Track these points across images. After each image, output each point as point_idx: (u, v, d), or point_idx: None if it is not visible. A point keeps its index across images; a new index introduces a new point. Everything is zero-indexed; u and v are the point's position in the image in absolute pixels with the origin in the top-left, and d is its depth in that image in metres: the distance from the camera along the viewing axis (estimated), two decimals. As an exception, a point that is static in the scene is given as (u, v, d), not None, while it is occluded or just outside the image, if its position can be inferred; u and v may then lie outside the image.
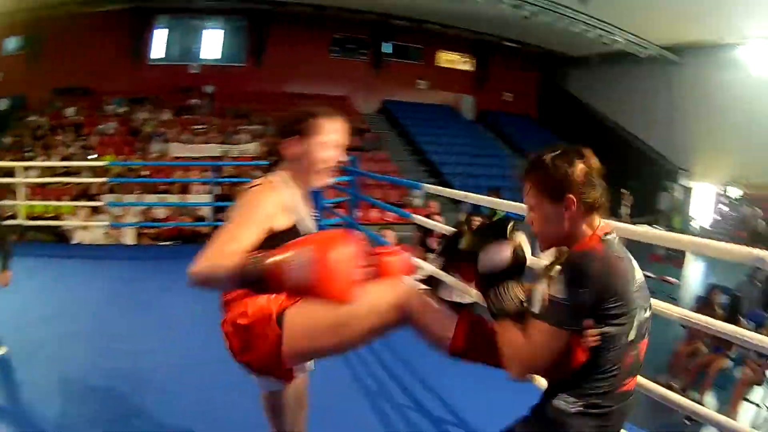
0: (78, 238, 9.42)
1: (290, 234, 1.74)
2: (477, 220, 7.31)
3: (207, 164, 12.97)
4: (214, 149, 16.06)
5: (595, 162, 1.52)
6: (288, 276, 1.45)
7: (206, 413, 2.98)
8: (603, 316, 1.35)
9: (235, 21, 19.89)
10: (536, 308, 1.43)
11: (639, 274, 1.46)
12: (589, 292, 1.33)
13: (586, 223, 1.48)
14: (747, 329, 2.80)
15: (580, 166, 1.48)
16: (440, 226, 4.72)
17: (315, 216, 2.07)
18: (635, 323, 1.40)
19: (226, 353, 1.86)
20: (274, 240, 1.68)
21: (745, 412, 5.58)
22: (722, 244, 2.03)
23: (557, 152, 1.51)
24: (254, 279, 1.50)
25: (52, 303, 4.79)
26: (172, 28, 19.46)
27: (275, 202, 1.79)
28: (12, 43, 17.75)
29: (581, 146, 1.56)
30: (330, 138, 1.96)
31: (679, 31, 17.46)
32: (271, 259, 1.49)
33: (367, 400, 3.28)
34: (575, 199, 1.45)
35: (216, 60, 19.89)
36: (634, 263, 1.47)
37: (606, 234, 1.48)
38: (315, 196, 5.90)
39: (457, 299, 1.80)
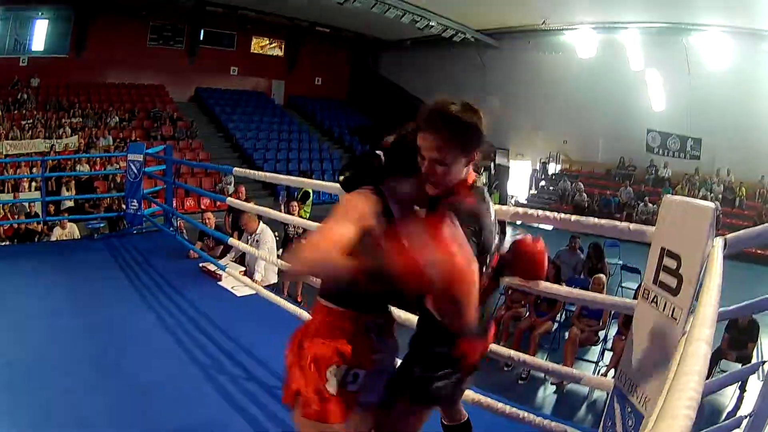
0: None
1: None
2: (294, 206, 8.33)
3: (33, 159, 13.52)
4: (40, 144, 16.04)
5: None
6: (419, 276, 1.35)
7: (61, 401, 3.16)
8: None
9: (62, 10, 19.45)
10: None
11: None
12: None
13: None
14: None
15: (482, 121, 1.65)
16: (256, 208, 5.36)
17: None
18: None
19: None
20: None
21: (583, 371, 5.00)
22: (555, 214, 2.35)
23: (460, 106, 1.63)
24: (377, 275, 1.42)
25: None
26: (5, 19, 18.75)
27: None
28: None
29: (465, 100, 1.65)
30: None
31: (499, 16, 18.47)
32: (393, 257, 1.40)
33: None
34: (478, 151, 1.66)
35: (41, 52, 19.51)
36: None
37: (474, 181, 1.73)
38: (134, 187, 7.98)
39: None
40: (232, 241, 5.50)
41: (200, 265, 6.16)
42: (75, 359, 3.75)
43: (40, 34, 19.53)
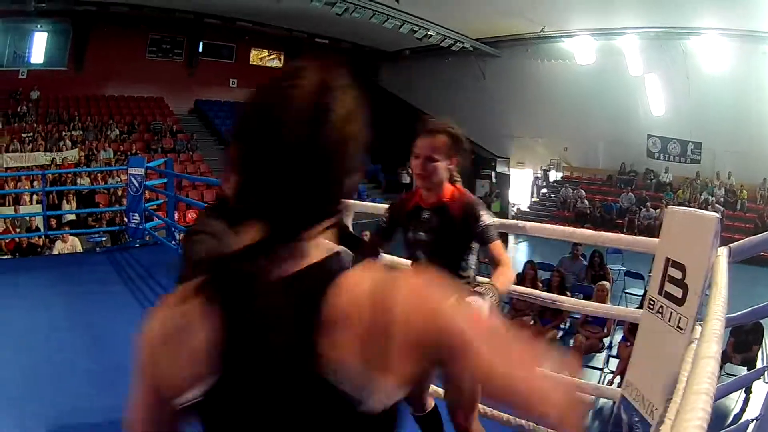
0: None
1: None
2: None
3: (34, 173, 13.45)
4: (41, 157, 15.99)
5: None
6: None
7: (59, 418, 3.18)
8: None
9: (60, 24, 19.43)
10: (493, 234, 2.26)
11: None
12: None
13: None
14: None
15: (463, 138, 2.29)
16: None
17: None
18: None
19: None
20: None
21: (589, 378, 5.72)
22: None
23: (449, 124, 2.29)
24: None
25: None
26: (3, 32, 18.74)
27: None
28: None
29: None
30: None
31: (495, 24, 18.47)
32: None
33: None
34: (458, 159, 2.28)
35: (40, 64, 19.50)
36: None
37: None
38: (135, 200, 7.98)
39: None
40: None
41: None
42: (74, 374, 3.74)
43: (39, 46, 19.51)
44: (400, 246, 2.47)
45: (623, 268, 9.62)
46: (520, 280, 6.46)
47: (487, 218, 2.25)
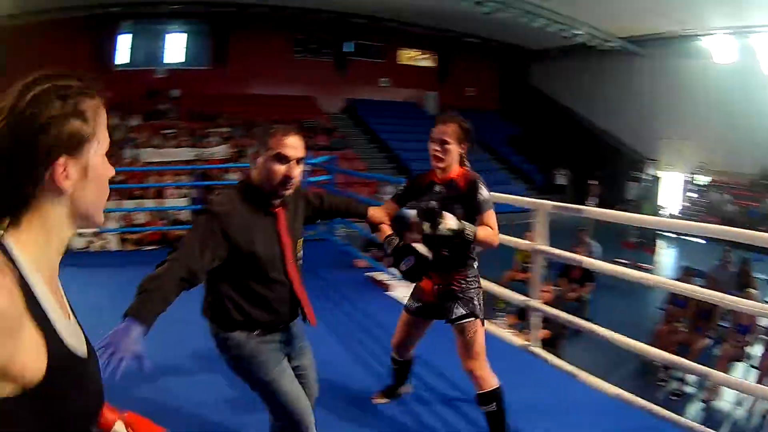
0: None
1: None
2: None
3: (183, 168, 13.78)
4: (186, 153, 16.29)
5: None
6: None
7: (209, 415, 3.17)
8: None
9: (198, 24, 20.24)
10: (488, 205, 2.73)
11: None
12: None
13: None
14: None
15: (471, 129, 2.79)
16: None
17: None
18: None
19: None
20: None
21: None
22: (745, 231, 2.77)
23: (460, 116, 2.80)
24: None
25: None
26: (136, 33, 19.59)
27: None
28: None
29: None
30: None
31: (641, 23, 17.97)
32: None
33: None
34: (467, 145, 2.79)
35: (180, 64, 20.15)
36: None
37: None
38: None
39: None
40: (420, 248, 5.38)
41: (367, 274, 6.13)
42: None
43: (175, 47, 20.35)
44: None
45: (766, 277, 9.39)
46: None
47: (485, 193, 2.74)
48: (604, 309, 7.65)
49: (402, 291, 5.31)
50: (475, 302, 2.84)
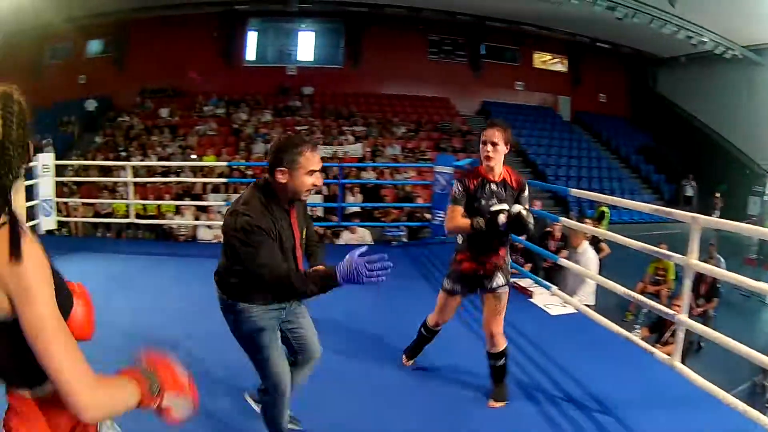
0: (200, 236, 9.78)
1: None
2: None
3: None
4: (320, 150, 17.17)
5: None
6: None
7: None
8: None
9: (329, 23, 20.66)
10: (527, 202, 3.35)
11: None
12: None
13: None
14: None
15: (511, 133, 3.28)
16: (584, 227, 6.34)
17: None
18: None
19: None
20: None
21: None
22: None
23: (504, 122, 3.29)
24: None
25: (187, 299, 5.10)
26: (264, 30, 20.22)
27: None
28: (96, 46, 19.18)
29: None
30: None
31: (761, 32, 17.54)
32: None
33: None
34: (509, 147, 3.26)
35: (311, 62, 20.70)
36: None
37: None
38: (441, 198, 7.44)
39: None
40: (563, 260, 5.60)
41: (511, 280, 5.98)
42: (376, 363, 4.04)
43: (307, 45, 20.93)
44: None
45: None
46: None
47: (527, 192, 3.38)
48: (725, 326, 7.04)
49: (545, 298, 5.41)
50: (509, 273, 3.51)
